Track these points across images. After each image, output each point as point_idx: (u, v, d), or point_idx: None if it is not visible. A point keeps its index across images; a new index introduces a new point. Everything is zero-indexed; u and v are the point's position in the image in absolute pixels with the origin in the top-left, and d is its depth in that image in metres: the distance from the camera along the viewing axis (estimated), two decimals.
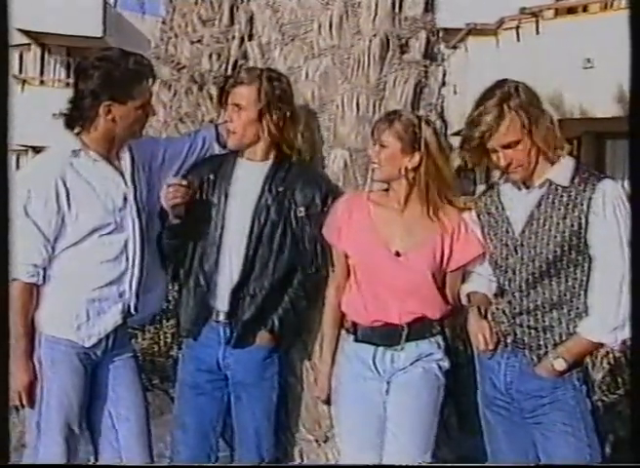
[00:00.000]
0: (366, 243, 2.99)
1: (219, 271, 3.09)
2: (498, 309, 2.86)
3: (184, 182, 3.03)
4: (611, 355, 5.11)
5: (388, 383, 2.96)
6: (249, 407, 3.11)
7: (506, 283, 2.83)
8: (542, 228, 2.76)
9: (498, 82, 2.80)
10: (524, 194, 2.83)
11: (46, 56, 23.04)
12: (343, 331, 3.07)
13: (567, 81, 11.73)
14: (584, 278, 2.75)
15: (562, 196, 2.75)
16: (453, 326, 3.05)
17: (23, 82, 20.79)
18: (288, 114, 3.14)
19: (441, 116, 3.49)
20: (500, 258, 2.85)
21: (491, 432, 2.92)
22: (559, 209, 2.74)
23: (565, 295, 2.76)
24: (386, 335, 2.97)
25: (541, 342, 2.77)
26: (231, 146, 3.17)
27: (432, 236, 2.96)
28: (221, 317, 3.10)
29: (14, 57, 21.14)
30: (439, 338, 3.00)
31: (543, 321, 2.77)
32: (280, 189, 3.11)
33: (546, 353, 2.76)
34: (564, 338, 2.75)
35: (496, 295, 2.89)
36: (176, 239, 3.12)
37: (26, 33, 20.47)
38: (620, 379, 5.09)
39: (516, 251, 2.80)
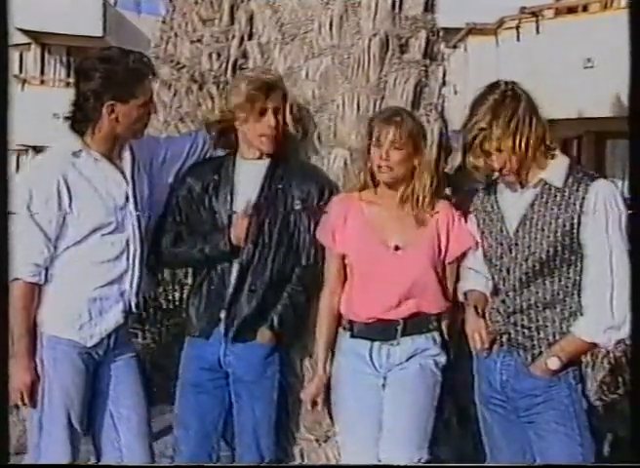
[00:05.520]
0: (364, 241, 3.00)
1: (231, 271, 3.10)
2: (493, 308, 2.88)
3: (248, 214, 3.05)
4: (611, 355, 5.11)
5: (385, 378, 2.97)
6: (249, 405, 3.12)
7: (501, 282, 2.85)
8: (536, 228, 2.77)
9: (490, 85, 2.82)
10: (519, 194, 2.85)
11: (46, 55, 23.02)
12: (340, 329, 3.07)
13: (567, 81, 11.73)
14: (578, 277, 2.76)
15: (555, 196, 2.76)
16: (454, 323, 3.05)
17: (24, 81, 20.75)
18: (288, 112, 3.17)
19: (441, 116, 3.50)
20: (494, 257, 2.86)
21: (488, 431, 2.93)
22: (552, 208, 2.76)
23: (558, 295, 2.77)
24: (382, 330, 2.98)
25: (535, 342, 2.78)
26: (270, 151, 3.14)
27: (429, 229, 2.99)
28: (222, 314, 3.10)
29: (14, 56, 21.13)
30: (435, 334, 3.01)
31: (537, 320, 2.78)
32: (279, 186, 3.13)
33: (540, 352, 2.77)
34: (557, 338, 2.76)
35: (491, 294, 2.90)
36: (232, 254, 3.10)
37: (26, 33, 20.44)
38: (620, 379, 5.09)
39: (510, 250, 2.82)
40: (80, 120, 2.99)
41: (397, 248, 2.96)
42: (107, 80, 2.92)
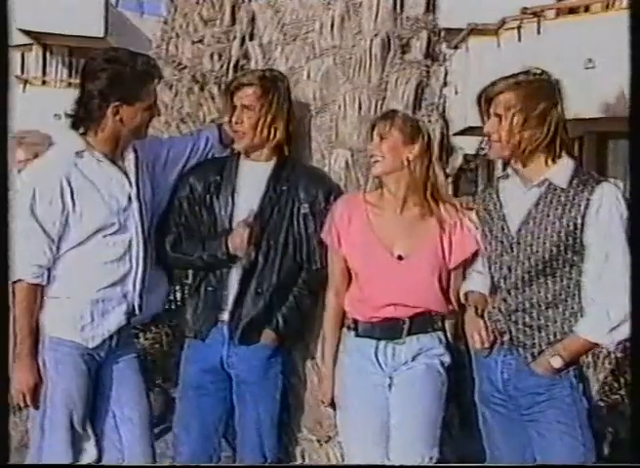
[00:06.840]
0: (367, 247, 2.99)
1: (230, 272, 3.10)
2: (494, 307, 2.87)
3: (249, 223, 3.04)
4: (612, 355, 5.10)
5: (391, 378, 2.97)
6: (251, 406, 3.11)
7: (501, 280, 2.84)
8: (539, 227, 2.78)
9: (527, 70, 2.84)
10: (522, 192, 2.85)
11: (48, 56, 23.05)
12: (344, 329, 3.07)
13: (568, 81, 11.70)
14: (580, 278, 2.76)
15: (560, 196, 2.77)
16: (455, 325, 3.05)
17: (25, 82, 20.76)
18: (290, 115, 3.16)
19: (442, 116, 3.50)
20: (494, 255, 2.87)
21: (488, 430, 2.94)
22: (557, 208, 2.76)
23: (560, 295, 2.77)
24: (388, 329, 2.97)
25: (536, 340, 2.79)
26: (240, 148, 3.17)
27: (432, 236, 2.98)
28: (225, 316, 3.10)
29: (15, 57, 21.14)
30: (440, 334, 3.01)
31: (539, 319, 2.79)
32: (284, 188, 3.13)
33: (541, 351, 2.77)
34: (558, 337, 2.76)
35: (490, 293, 2.90)
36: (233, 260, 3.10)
37: (28, 33, 20.45)
38: (621, 380, 5.09)
39: (511, 248, 2.82)
40: (82, 119, 2.98)
41: (400, 257, 2.96)
42: (114, 81, 2.91)
